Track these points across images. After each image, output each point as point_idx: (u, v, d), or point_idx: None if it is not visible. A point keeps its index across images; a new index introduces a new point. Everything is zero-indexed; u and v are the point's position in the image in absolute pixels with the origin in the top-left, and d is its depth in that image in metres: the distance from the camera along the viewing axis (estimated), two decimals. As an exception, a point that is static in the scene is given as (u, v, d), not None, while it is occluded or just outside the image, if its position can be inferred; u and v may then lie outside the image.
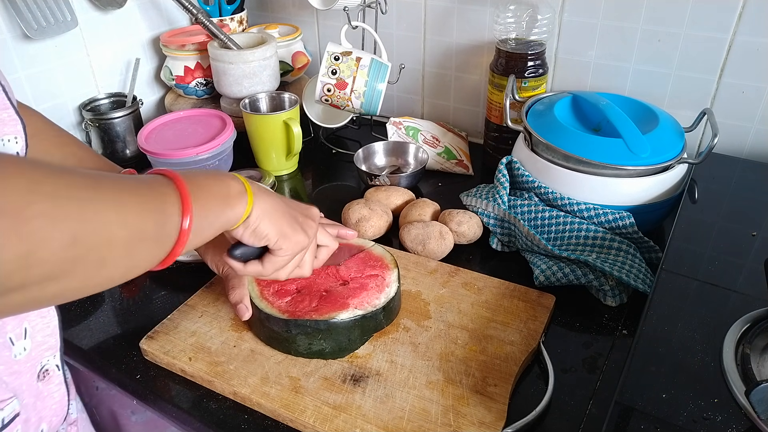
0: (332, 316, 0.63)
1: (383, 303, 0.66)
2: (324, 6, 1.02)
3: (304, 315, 0.63)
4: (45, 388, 0.56)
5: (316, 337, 0.63)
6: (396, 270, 0.70)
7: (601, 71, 0.97)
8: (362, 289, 0.67)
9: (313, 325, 0.62)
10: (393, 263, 0.71)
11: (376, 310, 0.65)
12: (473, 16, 1.03)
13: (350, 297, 0.65)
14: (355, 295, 0.66)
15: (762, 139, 0.89)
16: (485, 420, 0.56)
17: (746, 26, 0.83)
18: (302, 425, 0.57)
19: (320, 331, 0.62)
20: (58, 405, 0.58)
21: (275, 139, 0.99)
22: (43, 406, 0.56)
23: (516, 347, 0.64)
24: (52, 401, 0.57)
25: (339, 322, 0.63)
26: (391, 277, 0.69)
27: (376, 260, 0.72)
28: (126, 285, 0.79)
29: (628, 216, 0.75)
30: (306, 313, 0.63)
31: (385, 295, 0.67)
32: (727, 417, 0.47)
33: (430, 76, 1.14)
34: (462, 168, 1.03)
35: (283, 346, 0.64)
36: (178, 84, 1.14)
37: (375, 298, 0.66)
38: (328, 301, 0.65)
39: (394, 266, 0.71)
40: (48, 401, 0.57)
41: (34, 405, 0.55)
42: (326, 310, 0.63)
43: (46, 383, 0.56)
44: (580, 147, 0.77)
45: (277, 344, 0.65)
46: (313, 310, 0.64)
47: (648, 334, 0.55)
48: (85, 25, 1.05)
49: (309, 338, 0.63)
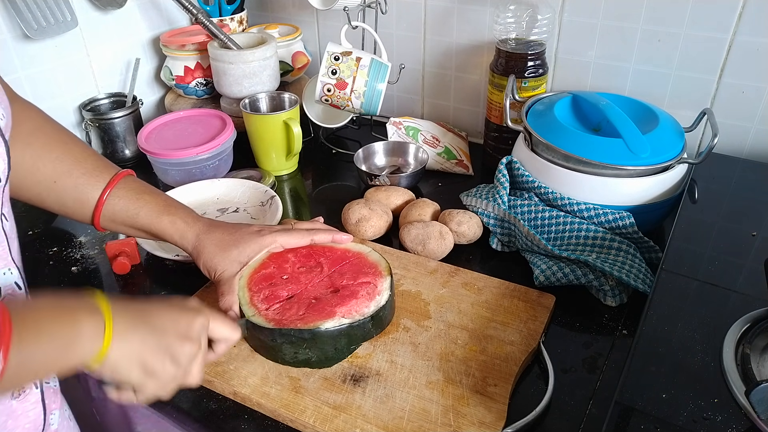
0: (317, 325, 0.61)
1: (372, 312, 0.63)
2: (324, 6, 1.02)
3: (290, 323, 0.61)
4: (20, 406, 0.55)
5: (301, 347, 0.61)
6: (389, 278, 0.68)
7: (601, 71, 0.97)
8: (352, 297, 0.64)
9: (297, 334, 0.60)
10: (387, 270, 0.69)
11: (364, 319, 0.63)
12: (473, 16, 1.03)
13: (338, 305, 0.63)
14: (343, 303, 0.63)
15: (762, 139, 0.89)
16: (485, 420, 0.56)
17: (746, 26, 0.83)
18: (302, 425, 0.57)
19: (305, 340, 0.60)
20: (32, 424, 0.56)
21: (275, 139, 0.99)
22: (15, 425, 0.55)
23: (516, 347, 0.64)
24: (26, 420, 0.56)
25: (324, 331, 0.61)
26: (383, 284, 0.67)
27: (371, 267, 0.69)
28: (126, 285, 0.79)
29: (628, 216, 0.75)
30: (292, 322, 0.61)
31: (375, 303, 0.64)
32: (727, 417, 0.47)
33: (430, 76, 1.14)
34: (462, 168, 1.03)
35: (270, 354, 0.63)
36: (178, 84, 1.14)
37: (364, 307, 0.64)
38: (315, 309, 0.63)
39: (387, 273, 0.68)
40: (22, 420, 0.55)
41: (5, 424, 0.53)
42: (312, 319, 0.61)
43: (21, 401, 0.55)
44: (580, 147, 0.77)
45: (265, 352, 0.64)
46: (299, 318, 0.62)
47: (648, 334, 0.55)
48: (85, 25, 1.05)
49: (294, 347, 0.61)
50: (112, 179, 0.65)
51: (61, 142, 0.64)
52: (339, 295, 0.65)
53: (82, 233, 0.89)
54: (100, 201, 0.64)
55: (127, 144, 1.07)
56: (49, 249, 0.86)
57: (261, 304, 0.64)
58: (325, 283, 0.67)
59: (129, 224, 0.66)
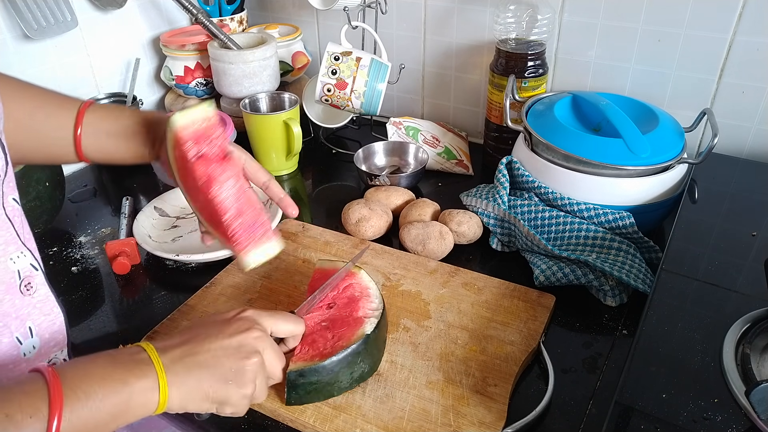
0: (362, 331, 0.60)
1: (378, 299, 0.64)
2: (324, 6, 1.02)
3: (338, 348, 0.58)
4: None
5: (356, 363, 0.59)
6: (361, 271, 0.67)
7: (601, 71, 0.97)
8: (356, 300, 0.64)
9: (353, 351, 0.59)
10: (356, 268, 0.68)
11: (381, 304, 0.63)
12: (473, 16, 1.03)
13: (353, 310, 0.62)
14: (355, 306, 0.63)
15: (762, 139, 0.89)
16: (485, 420, 0.56)
17: (746, 26, 0.83)
18: (302, 425, 0.57)
19: (359, 353, 0.59)
20: None
21: (275, 139, 0.99)
22: None
23: (516, 347, 0.64)
24: None
25: (372, 333, 0.60)
26: (364, 277, 0.66)
27: (363, 289, 0.67)
28: (126, 285, 0.79)
29: (628, 216, 0.75)
30: (337, 347, 0.59)
31: (370, 293, 0.65)
32: (727, 417, 0.47)
33: (430, 76, 1.14)
34: (462, 168, 1.03)
35: (324, 393, 0.59)
36: (178, 84, 1.14)
37: (369, 302, 0.64)
38: (340, 325, 0.61)
39: (358, 269, 0.67)
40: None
41: None
42: (349, 333, 0.60)
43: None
44: (580, 147, 0.77)
45: (317, 395, 0.59)
46: (338, 339, 0.60)
47: (648, 334, 0.55)
48: (85, 25, 1.05)
49: (350, 367, 0.59)
50: (85, 103, 0.64)
51: (27, 87, 0.63)
52: (341, 305, 0.64)
53: (82, 233, 0.89)
54: (80, 114, 0.62)
55: (127, 144, 1.06)
56: (49, 249, 0.86)
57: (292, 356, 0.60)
58: (317, 309, 0.64)
59: (113, 130, 0.63)
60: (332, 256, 0.79)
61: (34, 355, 0.53)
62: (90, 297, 0.77)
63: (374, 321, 0.61)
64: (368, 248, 0.79)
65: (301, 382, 0.57)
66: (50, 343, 0.55)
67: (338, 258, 0.79)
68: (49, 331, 0.55)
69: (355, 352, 0.58)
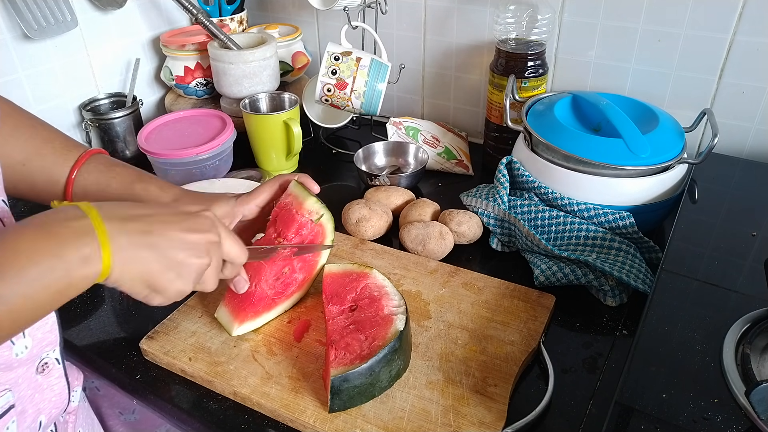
0: (395, 329, 0.60)
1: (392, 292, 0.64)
2: (324, 6, 1.02)
3: (376, 349, 0.58)
4: (45, 380, 0.56)
5: (394, 360, 0.59)
6: (370, 269, 0.68)
7: (601, 71, 0.97)
8: (376, 300, 0.64)
9: (390, 349, 0.58)
10: (366, 267, 0.68)
11: (400, 296, 0.64)
12: (473, 16, 1.03)
13: (371, 307, 0.62)
14: (377, 303, 0.63)
15: (762, 139, 0.89)
16: (485, 420, 0.56)
17: (746, 26, 0.83)
18: (302, 425, 0.57)
19: (396, 350, 0.59)
20: (58, 397, 0.58)
21: (275, 139, 0.99)
22: (42, 398, 0.56)
23: (516, 347, 0.64)
24: (51, 393, 0.57)
25: (405, 328, 0.60)
26: (376, 275, 0.67)
27: (352, 275, 0.68)
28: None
29: (628, 216, 0.75)
30: (374, 347, 0.59)
31: (385, 287, 0.65)
32: (727, 417, 0.47)
33: (430, 76, 1.14)
34: (462, 168, 1.03)
35: (366, 395, 0.59)
36: (178, 84, 1.14)
37: (390, 299, 0.64)
38: (368, 326, 0.61)
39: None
40: (47, 393, 0.57)
41: (32, 397, 0.55)
42: (382, 332, 0.60)
43: (46, 376, 0.56)
44: (580, 147, 0.77)
45: (359, 398, 0.59)
46: (371, 339, 0.60)
47: (648, 334, 0.55)
48: (85, 25, 1.05)
49: (389, 366, 0.59)
50: (82, 156, 0.64)
51: (30, 126, 0.63)
52: (363, 306, 0.64)
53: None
54: (70, 177, 0.62)
55: (127, 144, 1.07)
56: (49, 249, 0.86)
57: (328, 365, 0.60)
58: (339, 313, 0.65)
59: (101, 198, 0.64)
60: (333, 257, 0.79)
61: (26, 355, 0.53)
62: (90, 297, 0.77)
63: (403, 317, 0.61)
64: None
65: (345, 387, 0.56)
66: (42, 343, 0.55)
67: (342, 260, 0.79)
68: (42, 331, 0.55)
69: (392, 349, 0.58)
